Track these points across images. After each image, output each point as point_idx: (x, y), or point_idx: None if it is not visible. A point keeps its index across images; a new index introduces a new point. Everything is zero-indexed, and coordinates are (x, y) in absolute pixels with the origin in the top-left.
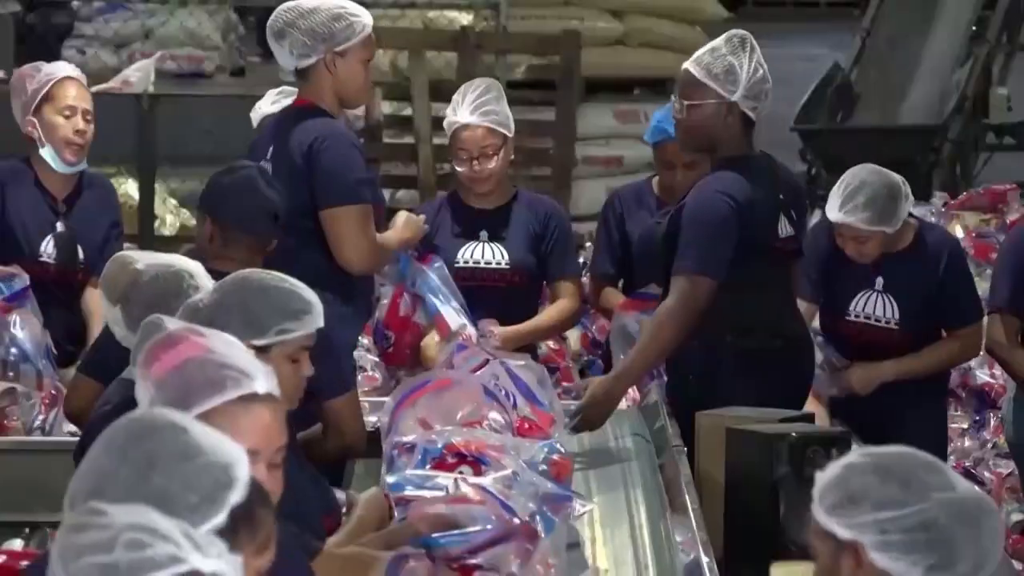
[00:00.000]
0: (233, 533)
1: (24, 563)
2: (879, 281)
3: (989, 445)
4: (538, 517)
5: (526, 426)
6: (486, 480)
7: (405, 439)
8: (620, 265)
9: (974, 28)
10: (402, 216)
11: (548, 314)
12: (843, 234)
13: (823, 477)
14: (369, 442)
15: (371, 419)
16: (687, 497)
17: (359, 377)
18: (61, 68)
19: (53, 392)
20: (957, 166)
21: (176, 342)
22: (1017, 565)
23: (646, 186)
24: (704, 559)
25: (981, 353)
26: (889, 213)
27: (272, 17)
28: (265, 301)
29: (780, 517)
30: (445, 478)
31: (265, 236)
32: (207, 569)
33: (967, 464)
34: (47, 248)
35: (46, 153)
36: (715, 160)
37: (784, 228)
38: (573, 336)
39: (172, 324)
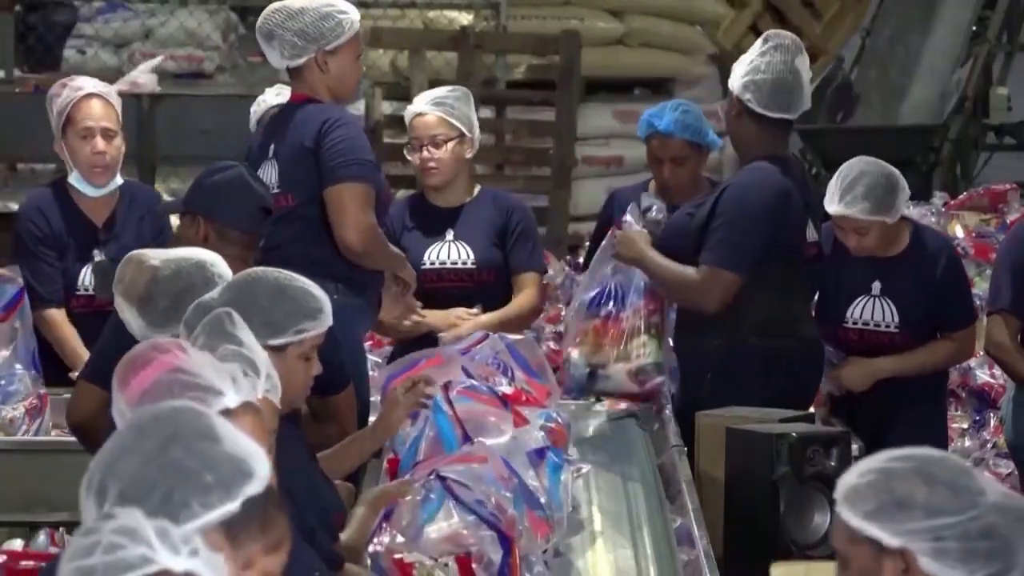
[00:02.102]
0: (245, 525)
1: (24, 563)
2: (876, 286)
3: (989, 445)
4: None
5: (523, 397)
6: (491, 441)
7: None
8: None
9: (974, 28)
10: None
11: (516, 304)
12: (843, 227)
13: (850, 481)
14: None
15: (371, 418)
16: (687, 497)
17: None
18: (84, 84)
19: (37, 401)
20: (957, 166)
21: (144, 362)
22: None
23: (645, 187)
24: (704, 559)
25: (980, 353)
26: (888, 203)
27: (261, 19)
28: (282, 301)
29: (780, 517)
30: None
31: (258, 232)
32: (178, 568)
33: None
34: (84, 280)
35: (74, 178)
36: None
37: (811, 232)
38: None
39: (237, 322)
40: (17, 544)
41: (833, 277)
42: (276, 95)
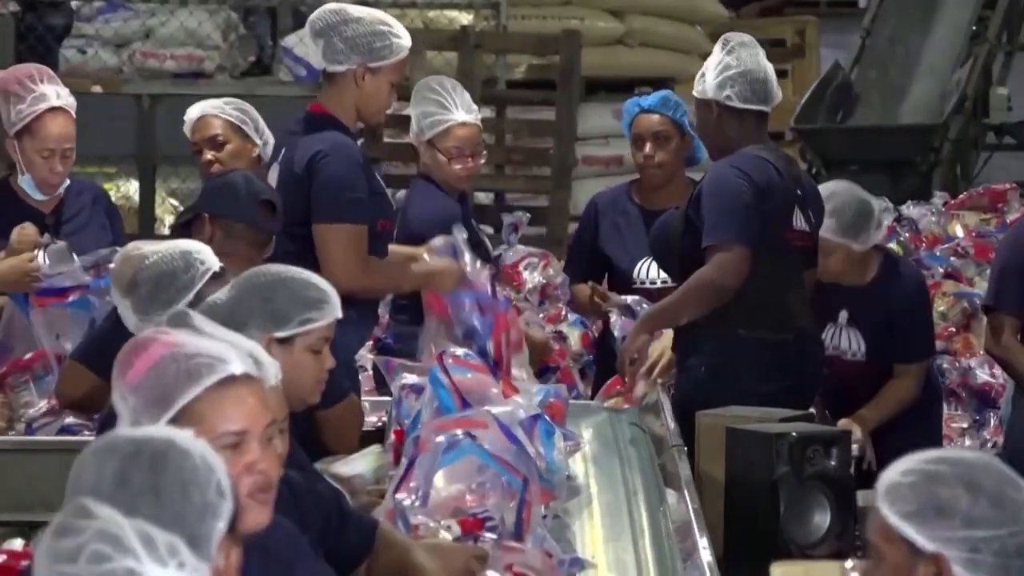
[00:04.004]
0: (230, 530)
1: (24, 563)
2: (843, 315)
3: (989, 445)
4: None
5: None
6: (495, 409)
7: (411, 381)
8: (591, 270)
9: (974, 28)
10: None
11: None
12: None
13: (891, 479)
14: (370, 442)
15: (371, 419)
16: (687, 497)
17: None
18: (48, 96)
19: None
20: (957, 166)
21: (146, 345)
22: None
23: (625, 191)
24: (704, 559)
25: (981, 353)
26: (855, 228)
27: (315, 15)
28: (285, 292)
29: (780, 517)
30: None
31: (264, 229)
32: None
33: None
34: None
35: (24, 182)
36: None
37: (798, 221)
38: (574, 336)
39: (197, 319)
40: (17, 544)
41: None
42: (199, 113)
